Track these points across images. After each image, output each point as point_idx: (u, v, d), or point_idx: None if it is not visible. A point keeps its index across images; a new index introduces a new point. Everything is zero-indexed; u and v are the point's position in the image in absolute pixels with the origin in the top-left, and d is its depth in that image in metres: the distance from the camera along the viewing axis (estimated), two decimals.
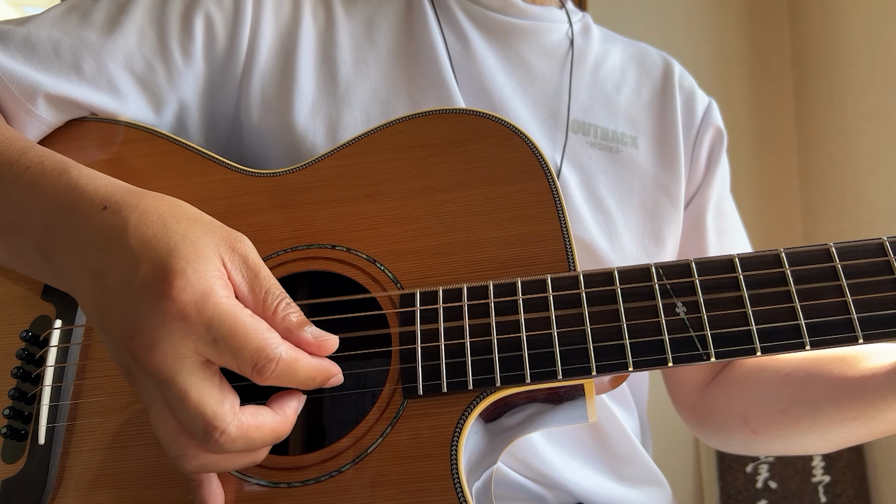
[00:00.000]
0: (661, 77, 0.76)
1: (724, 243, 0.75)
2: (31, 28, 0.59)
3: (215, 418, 0.38)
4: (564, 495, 0.62)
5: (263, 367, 0.39)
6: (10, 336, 0.54)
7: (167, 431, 0.40)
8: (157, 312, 0.38)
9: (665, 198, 0.71)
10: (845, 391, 0.57)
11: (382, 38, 0.68)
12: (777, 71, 1.94)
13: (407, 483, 0.45)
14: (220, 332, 0.38)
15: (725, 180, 0.78)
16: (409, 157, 0.55)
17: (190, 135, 0.65)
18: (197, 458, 0.40)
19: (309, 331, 0.42)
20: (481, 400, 0.46)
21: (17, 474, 0.50)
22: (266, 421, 0.41)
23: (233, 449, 0.39)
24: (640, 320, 0.46)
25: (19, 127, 0.57)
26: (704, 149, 0.75)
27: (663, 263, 0.47)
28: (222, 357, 0.39)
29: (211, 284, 0.39)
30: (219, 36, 0.63)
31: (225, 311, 0.39)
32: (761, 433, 0.67)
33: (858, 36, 1.64)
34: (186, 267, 0.39)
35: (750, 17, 1.97)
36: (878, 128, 1.55)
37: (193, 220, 0.42)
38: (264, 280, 0.42)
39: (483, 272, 0.50)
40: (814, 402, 0.60)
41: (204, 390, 0.38)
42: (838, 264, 0.45)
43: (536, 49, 0.72)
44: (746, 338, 0.44)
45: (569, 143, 0.68)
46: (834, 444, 0.64)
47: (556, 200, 0.51)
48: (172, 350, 0.38)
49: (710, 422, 0.74)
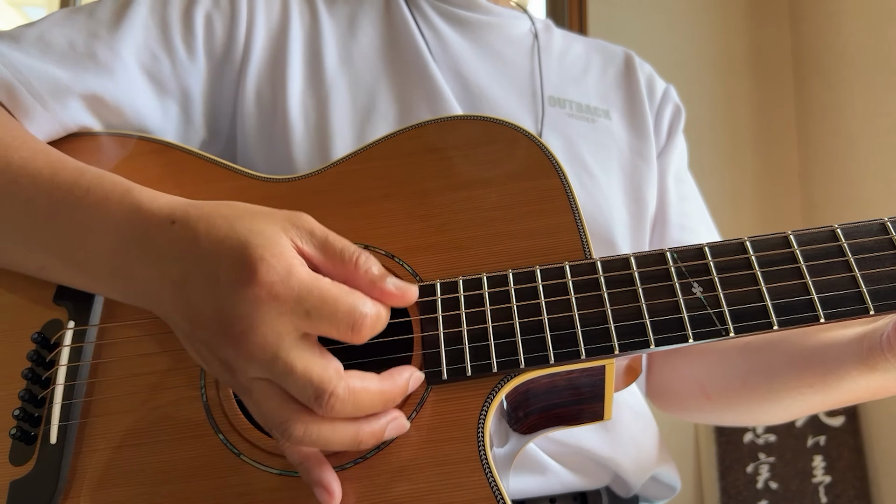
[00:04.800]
0: (624, 62, 0.84)
1: (684, 207, 0.80)
2: (42, 28, 0.62)
3: (322, 381, 0.39)
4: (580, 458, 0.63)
5: (360, 325, 0.41)
6: (21, 339, 0.53)
7: (274, 403, 0.41)
8: (248, 299, 0.40)
9: (641, 161, 0.76)
10: (804, 359, 0.60)
11: (364, 33, 0.73)
12: (777, 71, 1.98)
13: (434, 466, 0.45)
14: (311, 304, 0.40)
15: (684, 154, 0.84)
16: (425, 159, 0.57)
17: (195, 129, 0.67)
18: (304, 422, 0.40)
19: (391, 281, 0.44)
20: (506, 383, 0.46)
21: (26, 476, 0.48)
22: (373, 384, 0.42)
23: (343, 412, 0.40)
24: (658, 300, 0.47)
25: (35, 123, 0.58)
26: (665, 119, 0.81)
27: (677, 248, 0.49)
28: (318, 326, 0.41)
29: (290, 262, 0.41)
30: (217, 33, 0.67)
31: (309, 282, 0.41)
32: (715, 400, 0.70)
33: (858, 36, 1.68)
34: (264, 253, 0.41)
35: (750, 17, 2.01)
36: (878, 128, 1.59)
37: (255, 213, 0.44)
38: (336, 241, 0.44)
39: (500, 264, 0.51)
40: (771, 370, 0.63)
41: (308, 360, 0.40)
42: (844, 243, 0.47)
43: (504, 40, 0.78)
44: (762, 313, 0.45)
45: (548, 116, 0.73)
46: (787, 414, 0.66)
47: (569, 195, 0.53)
48: (271, 329, 0.40)
49: (665, 387, 0.77)
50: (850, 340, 0.55)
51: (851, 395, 0.56)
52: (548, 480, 0.61)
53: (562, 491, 0.62)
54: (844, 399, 0.58)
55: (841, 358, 0.55)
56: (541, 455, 0.61)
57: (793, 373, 0.60)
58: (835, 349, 0.56)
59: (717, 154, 1.88)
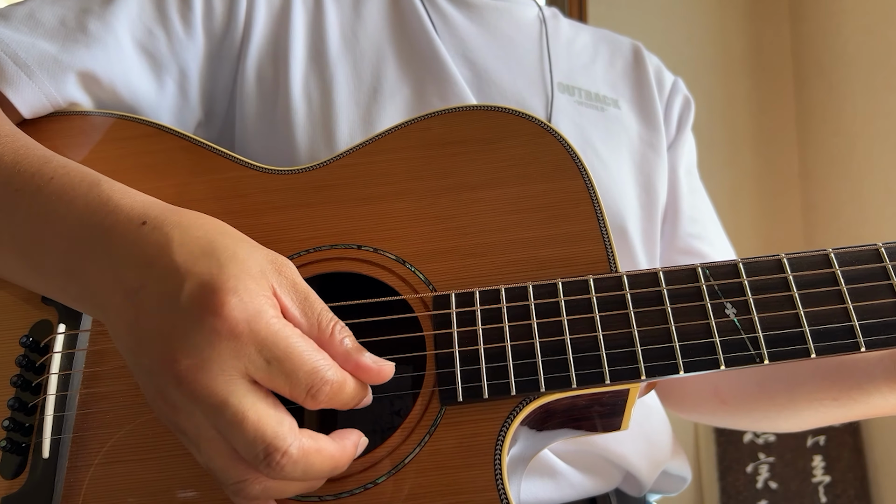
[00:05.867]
0: (632, 53, 0.81)
1: (696, 201, 0.79)
2: (32, 6, 0.58)
3: (276, 438, 0.35)
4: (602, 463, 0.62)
5: (318, 391, 0.37)
6: (8, 342, 0.50)
7: (223, 460, 0.37)
8: (204, 330, 0.35)
9: (651, 151, 0.74)
10: (830, 371, 0.58)
11: (370, 14, 0.70)
12: (777, 71, 1.96)
13: (448, 495, 0.43)
14: (273, 354, 0.36)
15: (693, 149, 0.83)
16: (437, 154, 0.53)
17: (191, 108, 0.64)
18: (260, 482, 0.37)
19: (368, 356, 0.40)
20: (525, 406, 0.44)
21: (19, 490, 0.46)
22: (326, 446, 0.38)
23: (293, 473, 0.36)
24: (688, 322, 0.44)
25: (18, 94, 0.54)
26: (675, 110, 0.79)
27: (709, 264, 0.46)
28: (274, 380, 0.37)
29: (262, 303, 0.37)
30: (217, 10, 0.64)
31: (278, 331, 0.37)
32: (731, 404, 0.68)
33: (858, 36, 1.66)
34: (238, 284, 0.36)
35: (750, 17, 1.99)
36: (878, 128, 1.58)
37: (239, 239, 0.40)
38: (316, 302, 0.40)
39: (519, 273, 0.48)
40: (793, 380, 0.61)
41: (262, 411, 0.36)
42: (888, 264, 0.44)
43: (512, 25, 0.75)
44: (800, 339, 0.43)
45: (559, 103, 0.71)
46: (806, 424, 0.64)
47: (594, 199, 0.50)
48: (222, 370, 0.35)
49: (677, 388, 0.75)
50: (881, 356, 0.53)
51: (877, 410, 0.55)
52: (558, 484, 0.60)
53: (572, 496, 0.60)
54: (868, 413, 0.56)
55: (871, 373, 0.53)
56: (551, 458, 0.59)
57: (816, 384, 0.58)
58: (864, 363, 0.54)
59: (716, 154, 1.87)
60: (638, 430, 0.64)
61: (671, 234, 0.75)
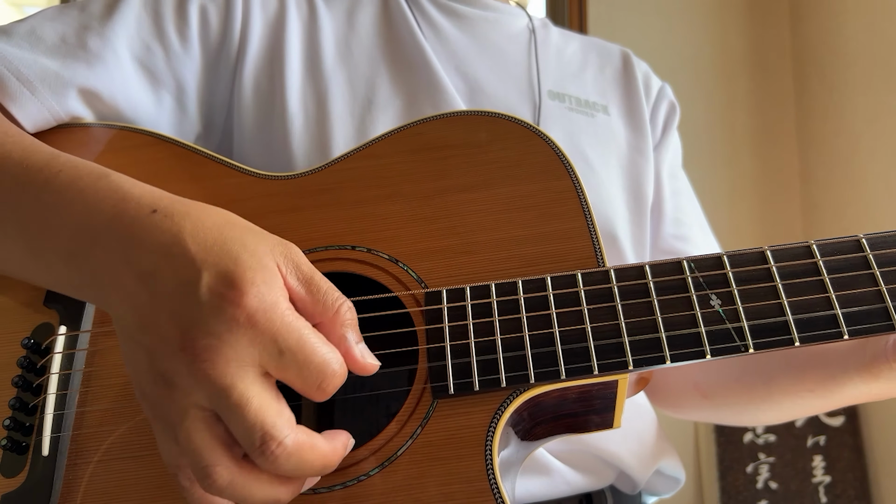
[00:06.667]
0: (621, 61, 0.83)
1: (680, 202, 0.80)
2: (34, 23, 0.60)
3: (274, 428, 0.36)
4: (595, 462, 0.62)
5: (327, 384, 0.38)
6: (10, 344, 0.51)
7: (204, 440, 0.37)
8: (226, 318, 0.36)
9: (639, 156, 0.75)
10: (804, 363, 0.58)
11: (363, 26, 0.72)
12: (777, 71, 1.96)
13: (440, 485, 0.43)
14: (286, 345, 0.37)
15: (678, 151, 0.84)
16: (429, 157, 0.54)
17: (190, 121, 0.65)
18: (231, 470, 0.37)
19: (360, 347, 0.41)
20: (515, 398, 0.45)
21: (18, 488, 0.47)
22: (320, 444, 0.38)
23: (285, 465, 0.37)
24: (674, 313, 0.45)
25: (22, 110, 0.56)
26: (661, 115, 0.81)
27: (694, 257, 0.47)
28: (285, 371, 0.38)
29: (278, 295, 0.38)
30: (212, 24, 0.66)
31: (291, 322, 0.38)
32: (712, 398, 0.69)
33: (858, 36, 1.67)
34: (255, 276, 0.37)
35: (750, 17, 2.00)
36: (878, 128, 1.58)
37: (247, 229, 0.41)
38: (321, 282, 0.41)
39: (510, 270, 0.49)
40: (769, 372, 0.62)
41: (265, 401, 0.37)
42: (870, 254, 0.45)
43: (502, 35, 0.77)
44: (783, 328, 0.44)
45: (548, 110, 0.72)
46: (788, 415, 0.65)
47: (581, 198, 0.51)
48: (236, 356, 0.36)
49: (660, 384, 0.76)
50: (851, 346, 0.53)
51: (852, 399, 0.56)
52: (553, 481, 0.60)
53: (567, 492, 0.61)
54: (845, 402, 0.57)
55: (843, 364, 0.53)
56: (546, 456, 0.60)
57: (791, 376, 0.59)
58: (836, 354, 0.55)
59: (716, 154, 1.87)
60: (630, 428, 0.65)
61: (654, 235, 0.76)
